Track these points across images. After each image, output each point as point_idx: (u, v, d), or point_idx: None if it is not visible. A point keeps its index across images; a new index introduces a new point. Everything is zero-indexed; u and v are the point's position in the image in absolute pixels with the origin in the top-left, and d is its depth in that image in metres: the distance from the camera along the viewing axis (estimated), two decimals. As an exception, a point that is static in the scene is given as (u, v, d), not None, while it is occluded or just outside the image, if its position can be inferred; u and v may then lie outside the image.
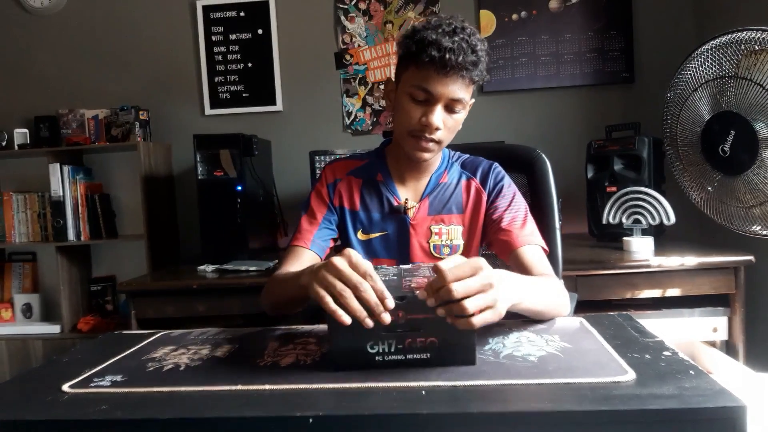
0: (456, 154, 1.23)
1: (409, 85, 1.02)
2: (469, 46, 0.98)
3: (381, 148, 1.23)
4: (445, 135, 1.05)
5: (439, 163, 1.18)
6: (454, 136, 1.09)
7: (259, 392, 0.67)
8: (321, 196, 1.18)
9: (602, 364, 0.70)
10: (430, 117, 1.01)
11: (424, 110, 1.02)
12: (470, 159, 1.21)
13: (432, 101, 1.01)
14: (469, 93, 1.04)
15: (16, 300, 2.53)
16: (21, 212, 2.49)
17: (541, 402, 0.59)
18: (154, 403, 0.66)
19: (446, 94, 1.00)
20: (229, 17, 2.54)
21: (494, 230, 1.13)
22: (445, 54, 0.96)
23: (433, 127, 1.02)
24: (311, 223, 1.15)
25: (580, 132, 2.41)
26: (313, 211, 1.17)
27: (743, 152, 1.63)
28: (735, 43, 1.62)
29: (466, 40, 0.98)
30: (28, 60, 2.63)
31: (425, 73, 0.99)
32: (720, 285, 1.73)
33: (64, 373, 0.77)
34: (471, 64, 0.98)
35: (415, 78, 1.01)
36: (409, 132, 1.05)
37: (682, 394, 0.59)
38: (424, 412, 0.59)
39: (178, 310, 1.91)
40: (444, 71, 0.97)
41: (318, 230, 1.15)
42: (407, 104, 1.03)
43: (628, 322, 0.91)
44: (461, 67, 0.97)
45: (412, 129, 1.04)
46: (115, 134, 2.49)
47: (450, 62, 0.96)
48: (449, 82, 0.99)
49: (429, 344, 0.72)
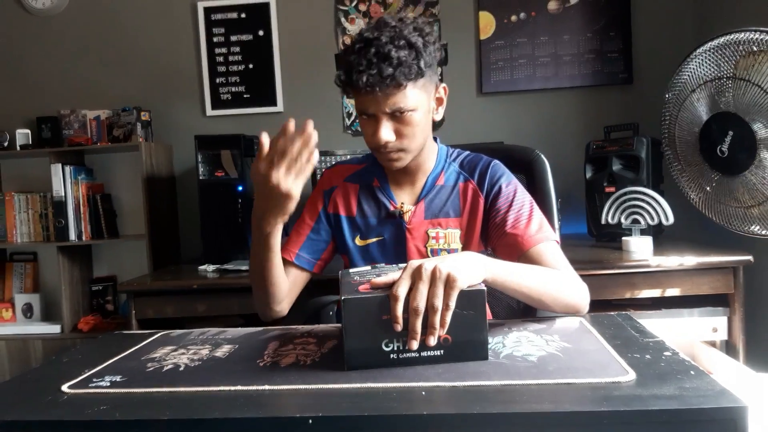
0: (455, 152, 1.20)
1: (356, 107, 1.04)
2: (381, 58, 0.95)
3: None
4: (406, 142, 1.03)
5: (434, 164, 1.16)
6: (424, 135, 1.06)
7: (258, 393, 0.67)
8: (315, 204, 1.18)
9: (602, 365, 0.70)
10: (377, 135, 1.01)
11: (373, 126, 1.02)
12: (469, 158, 1.18)
13: (375, 119, 1.01)
14: (412, 95, 0.99)
15: (16, 300, 2.53)
16: (23, 212, 2.49)
17: (541, 402, 0.59)
18: (153, 403, 0.66)
19: (381, 109, 0.99)
20: (230, 19, 2.54)
21: (499, 234, 1.07)
22: (359, 77, 0.95)
23: (382, 143, 1.01)
24: (299, 234, 1.17)
25: (578, 132, 2.41)
26: (303, 221, 1.18)
27: (741, 153, 1.63)
28: (733, 44, 1.62)
29: (379, 51, 0.95)
30: (31, 61, 2.63)
31: (356, 95, 1.01)
32: (719, 285, 1.73)
33: (63, 373, 0.77)
34: (388, 77, 0.95)
35: (355, 101, 1.03)
36: (371, 149, 1.06)
37: (683, 394, 0.59)
38: (425, 412, 0.59)
39: (178, 310, 1.91)
40: (367, 91, 0.97)
41: (305, 242, 1.15)
42: (361, 123, 1.05)
43: (627, 322, 0.91)
44: (375, 84, 0.95)
45: (371, 146, 1.05)
46: (116, 135, 2.49)
47: (362, 82, 0.95)
48: (377, 99, 0.98)
49: (442, 341, 0.73)
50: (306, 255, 1.15)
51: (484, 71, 2.46)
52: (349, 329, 0.72)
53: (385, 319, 0.72)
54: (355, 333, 0.72)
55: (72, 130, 2.55)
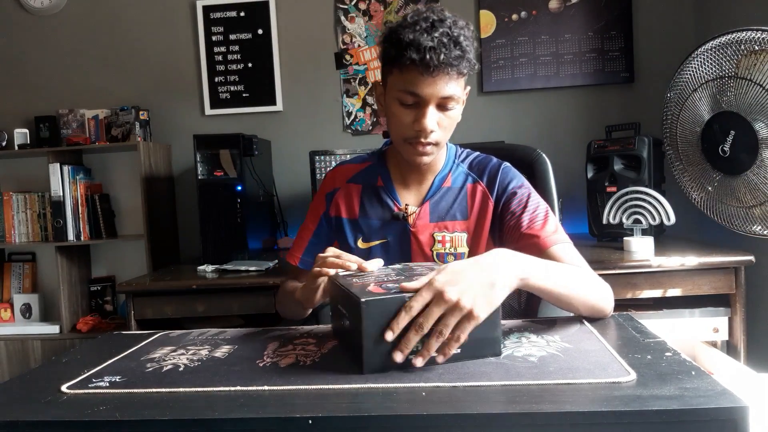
0: (464, 152, 1.17)
1: (396, 90, 0.98)
2: (451, 40, 0.92)
3: (383, 149, 1.20)
4: (443, 136, 1.02)
5: (442, 165, 1.13)
6: (452, 132, 1.05)
7: (258, 393, 0.66)
8: (316, 208, 1.18)
9: (603, 365, 0.69)
10: (422, 121, 0.97)
11: (415, 114, 0.97)
12: (478, 159, 1.15)
13: (422, 104, 0.96)
14: (460, 86, 0.98)
15: (15, 300, 2.53)
16: (21, 212, 2.49)
17: (541, 403, 0.59)
18: (153, 404, 0.66)
19: (435, 94, 0.95)
20: (229, 17, 2.54)
21: (516, 237, 1.03)
22: (425, 54, 0.91)
23: (428, 131, 0.97)
24: (302, 239, 1.18)
25: (580, 132, 2.40)
26: (305, 225, 1.19)
27: (743, 152, 1.63)
28: (735, 44, 1.62)
29: (447, 33, 0.92)
30: (29, 60, 2.63)
31: (409, 76, 0.94)
32: (720, 285, 1.72)
33: (63, 373, 0.77)
34: (456, 59, 0.92)
35: (401, 82, 0.96)
36: (404, 139, 1.01)
37: (684, 394, 0.59)
38: (425, 413, 0.59)
39: (177, 311, 1.90)
40: (428, 72, 0.92)
41: (307, 246, 1.17)
42: (397, 110, 0.99)
43: (628, 322, 0.90)
44: (446, 65, 0.92)
45: (406, 136, 1.00)
46: (115, 134, 2.49)
47: (433, 62, 0.91)
48: (436, 82, 0.94)
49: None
50: (309, 259, 1.15)
51: (485, 70, 2.45)
52: (368, 332, 0.70)
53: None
54: (373, 335, 0.70)
55: (70, 129, 2.55)
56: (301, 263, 1.16)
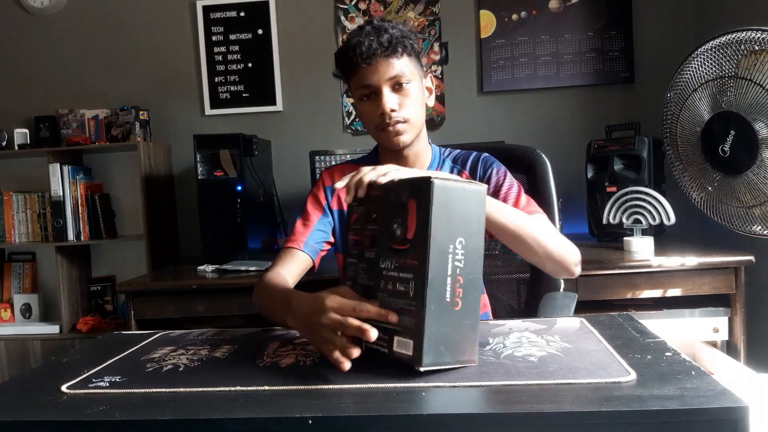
0: (447, 150, 1.24)
1: (355, 91, 1.10)
2: (376, 30, 1.04)
3: (374, 150, 1.25)
4: (409, 112, 1.08)
5: (430, 160, 1.19)
6: (422, 112, 1.11)
7: (258, 393, 0.67)
8: (317, 200, 1.19)
9: (603, 365, 0.69)
10: (381, 104, 1.06)
11: (376, 103, 1.07)
12: (461, 153, 1.23)
13: (376, 92, 1.06)
14: (406, 65, 1.07)
15: (15, 300, 2.52)
16: (21, 212, 2.49)
17: (541, 403, 0.59)
18: (153, 404, 0.66)
19: (382, 77, 1.05)
20: (229, 17, 2.54)
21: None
22: (357, 48, 1.04)
23: (388, 110, 1.05)
24: (305, 226, 1.17)
25: (580, 132, 2.40)
26: (308, 215, 1.18)
27: (743, 152, 1.63)
28: (735, 44, 1.62)
29: (374, 27, 1.05)
30: (28, 60, 2.63)
31: (357, 74, 1.07)
32: (720, 285, 1.72)
33: (63, 373, 0.77)
34: (387, 42, 1.03)
35: (355, 83, 1.09)
36: (375, 128, 1.10)
37: (684, 394, 0.59)
38: (425, 413, 0.59)
39: (177, 311, 1.90)
40: (366, 62, 1.04)
41: (311, 233, 1.16)
42: (363, 107, 1.10)
43: (628, 322, 0.91)
44: (377, 48, 1.03)
45: (376, 124, 1.09)
46: (115, 134, 2.49)
47: (365, 51, 1.03)
48: (378, 68, 1.05)
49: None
50: (313, 243, 1.16)
51: (484, 70, 2.45)
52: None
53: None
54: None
55: (70, 129, 2.55)
56: (305, 246, 1.14)
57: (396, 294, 0.72)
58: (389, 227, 0.73)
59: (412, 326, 0.69)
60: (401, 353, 0.70)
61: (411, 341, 0.69)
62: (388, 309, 0.72)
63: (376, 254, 0.75)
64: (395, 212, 0.73)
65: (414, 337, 0.69)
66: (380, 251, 0.75)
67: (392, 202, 0.74)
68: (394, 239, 0.73)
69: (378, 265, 0.75)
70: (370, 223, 0.78)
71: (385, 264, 0.74)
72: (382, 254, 0.74)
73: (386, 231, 0.74)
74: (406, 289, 0.70)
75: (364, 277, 0.78)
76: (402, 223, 0.72)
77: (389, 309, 0.72)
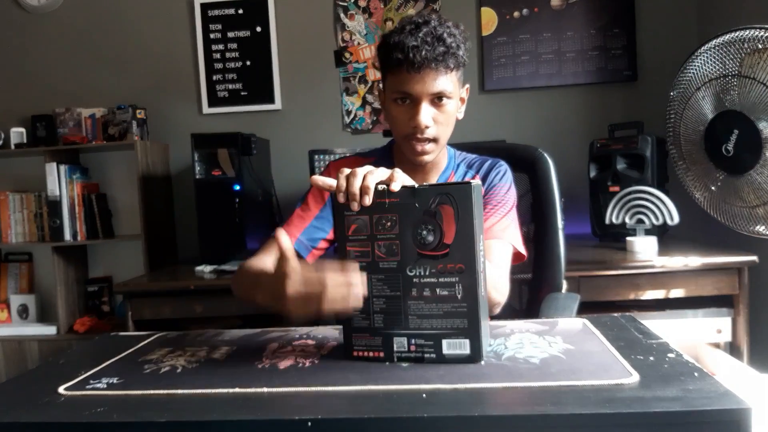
0: (462, 154, 1.21)
1: (391, 91, 1.04)
2: (434, 38, 0.98)
3: (389, 146, 1.21)
4: (440, 131, 1.05)
5: (445, 164, 1.17)
6: (451, 129, 1.08)
7: (257, 395, 0.66)
8: (321, 193, 1.14)
9: (605, 366, 0.69)
10: (416, 117, 1.01)
11: (410, 112, 1.03)
12: (477, 158, 1.20)
13: (415, 101, 1.02)
14: (451, 81, 1.02)
15: (12, 301, 2.52)
16: (17, 212, 2.48)
17: (543, 405, 0.59)
18: (150, 405, 0.66)
19: (425, 90, 1.00)
20: (227, 15, 2.53)
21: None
22: (409, 53, 0.97)
23: (422, 127, 1.02)
24: (302, 218, 1.12)
25: (582, 131, 2.39)
26: (308, 206, 1.13)
27: (747, 151, 1.62)
28: (738, 42, 1.61)
29: (431, 32, 0.99)
30: (25, 58, 2.62)
31: (399, 76, 1.01)
32: (724, 286, 1.72)
33: (60, 375, 0.77)
34: (441, 55, 0.98)
35: (393, 83, 1.03)
36: (403, 136, 1.06)
37: (687, 396, 0.59)
38: (426, 415, 0.58)
39: (175, 311, 1.90)
40: (415, 70, 0.98)
41: (307, 228, 1.11)
42: (394, 110, 1.05)
43: (631, 323, 0.90)
44: (430, 60, 0.98)
45: (405, 133, 1.05)
46: (112, 133, 2.48)
47: (416, 60, 0.97)
48: (424, 79, 0.99)
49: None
50: (305, 240, 1.11)
51: (486, 68, 2.44)
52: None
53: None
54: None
55: (67, 128, 2.53)
56: (297, 244, 1.10)
57: (438, 299, 0.74)
58: (416, 235, 0.74)
59: (466, 326, 0.73)
60: (455, 354, 0.74)
61: (467, 340, 0.73)
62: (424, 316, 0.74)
63: (399, 263, 0.75)
64: (422, 219, 0.74)
65: (470, 336, 0.73)
66: (405, 259, 0.75)
67: (416, 209, 0.74)
68: (424, 246, 0.74)
69: (405, 273, 0.75)
70: (383, 231, 0.76)
71: (416, 271, 0.75)
72: (409, 262, 0.75)
73: (412, 238, 0.75)
74: (452, 293, 0.73)
75: (383, 289, 0.76)
76: (434, 229, 0.73)
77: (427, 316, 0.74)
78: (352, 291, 0.71)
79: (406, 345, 0.75)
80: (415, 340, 0.75)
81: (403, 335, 0.75)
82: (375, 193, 0.75)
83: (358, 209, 0.75)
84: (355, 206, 0.75)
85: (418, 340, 0.74)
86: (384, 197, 0.75)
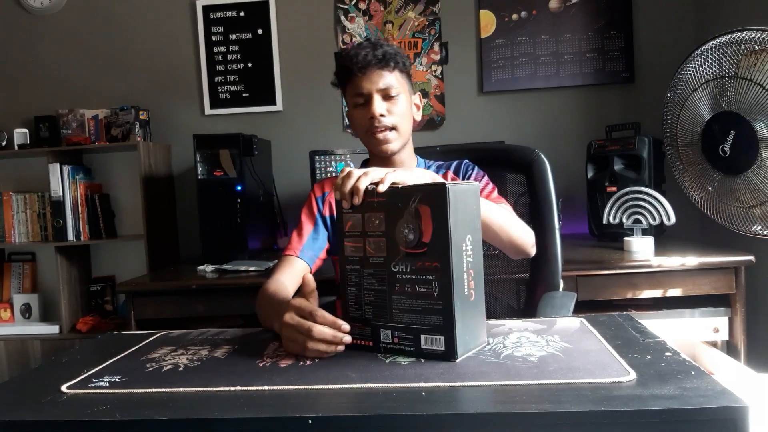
0: (431, 161, 1.31)
1: (350, 99, 1.20)
2: (374, 45, 1.15)
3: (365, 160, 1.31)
4: (397, 120, 1.16)
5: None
6: (410, 124, 1.19)
7: (258, 393, 0.67)
8: (310, 210, 1.25)
9: (603, 365, 0.69)
10: (371, 109, 1.15)
11: (366, 108, 1.16)
12: (445, 162, 1.30)
13: (368, 98, 1.15)
14: (396, 80, 1.16)
15: (15, 300, 2.52)
16: (21, 212, 2.49)
17: (541, 403, 0.59)
18: (153, 403, 0.66)
19: (374, 87, 1.14)
20: (229, 17, 2.54)
21: None
22: (354, 59, 1.14)
23: (377, 114, 1.14)
24: (300, 236, 1.22)
25: (580, 132, 2.40)
26: (302, 226, 1.24)
27: (743, 152, 1.63)
28: (735, 43, 1.62)
29: (372, 43, 1.16)
30: (28, 60, 2.62)
31: (352, 83, 1.16)
32: (720, 285, 1.72)
33: (62, 373, 0.77)
34: (381, 56, 1.14)
35: (350, 91, 1.18)
36: (366, 132, 1.17)
37: (684, 394, 0.59)
38: (425, 412, 0.59)
39: (177, 311, 1.90)
40: (361, 71, 1.14)
41: (306, 241, 1.22)
42: (355, 113, 1.19)
43: (628, 322, 0.91)
44: (372, 60, 1.13)
45: (366, 129, 1.17)
46: (114, 134, 2.49)
47: (361, 62, 1.13)
48: (371, 77, 1.14)
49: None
50: (308, 251, 1.21)
51: (484, 70, 2.45)
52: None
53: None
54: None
55: (70, 129, 2.55)
56: (301, 254, 1.20)
57: (417, 295, 0.76)
58: (399, 232, 0.77)
59: (441, 324, 0.75)
60: (432, 350, 0.75)
61: (442, 337, 0.75)
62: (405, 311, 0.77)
63: (386, 259, 0.78)
64: (404, 218, 0.77)
65: (445, 334, 0.74)
66: (390, 256, 0.78)
67: (399, 208, 0.77)
68: (406, 243, 0.77)
69: (390, 269, 0.78)
70: (372, 229, 0.80)
71: (399, 267, 0.77)
72: (394, 258, 0.78)
73: (396, 236, 0.77)
74: (429, 290, 0.75)
75: (372, 283, 0.80)
76: (414, 228, 0.76)
77: (408, 311, 0.77)
78: (325, 348, 0.77)
79: (390, 337, 0.78)
80: (398, 333, 0.78)
81: (388, 327, 0.78)
82: (366, 193, 0.80)
83: (349, 207, 0.81)
84: (345, 204, 0.81)
85: (401, 334, 0.78)
86: (373, 196, 0.79)
